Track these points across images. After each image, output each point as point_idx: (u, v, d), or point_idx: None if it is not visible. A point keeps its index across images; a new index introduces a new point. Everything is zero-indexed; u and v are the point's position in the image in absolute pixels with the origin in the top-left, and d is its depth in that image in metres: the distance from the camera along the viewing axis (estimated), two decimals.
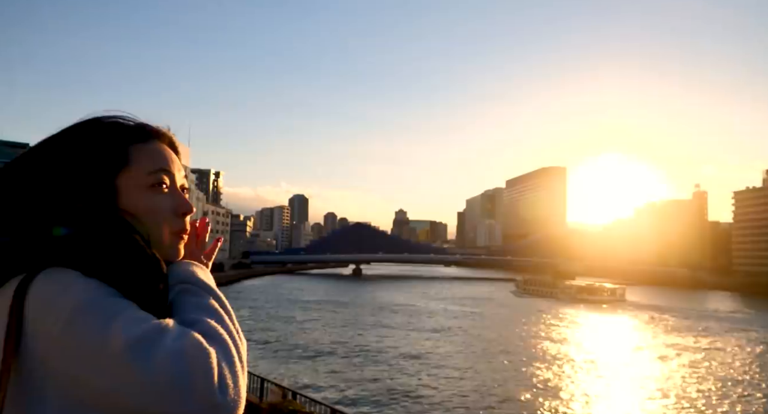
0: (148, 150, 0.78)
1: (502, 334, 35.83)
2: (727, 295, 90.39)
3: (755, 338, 38.64)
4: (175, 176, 0.81)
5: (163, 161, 0.79)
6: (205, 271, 0.82)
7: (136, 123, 0.80)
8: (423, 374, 24.06)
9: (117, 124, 0.78)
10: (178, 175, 0.81)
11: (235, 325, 0.73)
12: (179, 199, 0.80)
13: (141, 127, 0.80)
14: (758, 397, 22.30)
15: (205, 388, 0.59)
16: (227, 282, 77.82)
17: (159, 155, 0.79)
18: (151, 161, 0.78)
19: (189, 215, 0.82)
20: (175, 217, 0.79)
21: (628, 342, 34.61)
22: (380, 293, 69.84)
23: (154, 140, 0.80)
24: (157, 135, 0.81)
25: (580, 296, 61.89)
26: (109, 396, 0.59)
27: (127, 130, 0.78)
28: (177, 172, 0.81)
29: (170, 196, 0.79)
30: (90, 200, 0.72)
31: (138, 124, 0.80)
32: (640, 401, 20.86)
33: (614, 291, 64.61)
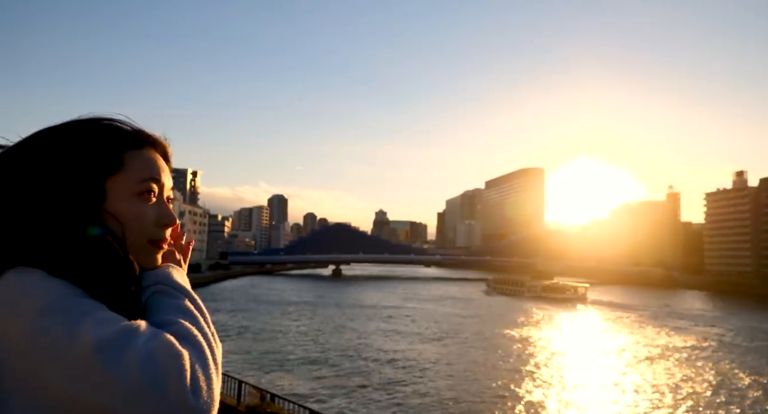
0: (141, 157, 0.78)
1: (472, 330, 38.29)
2: (697, 293, 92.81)
3: (699, 333, 41.05)
4: (164, 186, 0.81)
5: (154, 170, 0.79)
6: (180, 273, 0.81)
7: (133, 128, 0.80)
8: (399, 372, 24.49)
9: (114, 128, 0.78)
10: (167, 185, 0.81)
11: (210, 328, 0.72)
12: (164, 210, 0.80)
13: (137, 132, 0.79)
14: (687, 388, 23.55)
15: (177, 390, 0.58)
16: (204, 283, 76.76)
17: (151, 163, 0.79)
18: (142, 169, 0.77)
19: (171, 227, 0.82)
20: (157, 227, 0.79)
21: (578, 335, 37.68)
22: (360, 294, 69.85)
23: (149, 148, 0.80)
24: (152, 143, 0.81)
25: (544, 294, 65.54)
26: (77, 399, 0.57)
27: (123, 135, 0.77)
28: (166, 182, 0.81)
29: (156, 206, 0.79)
30: (76, 200, 0.71)
31: (135, 130, 0.80)
32: (568, 385, 23.31)
33: (576, 289, 67.61)
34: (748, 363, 29.79)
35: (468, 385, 22.35)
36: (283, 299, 59.90)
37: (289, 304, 53.88)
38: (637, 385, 23.46)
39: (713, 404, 21.19)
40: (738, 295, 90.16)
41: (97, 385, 0.56)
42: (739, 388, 24.10)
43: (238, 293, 66.43)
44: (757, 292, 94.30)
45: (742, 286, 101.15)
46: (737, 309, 65.69)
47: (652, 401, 21.15)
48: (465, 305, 56.79)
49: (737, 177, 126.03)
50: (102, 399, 0.56)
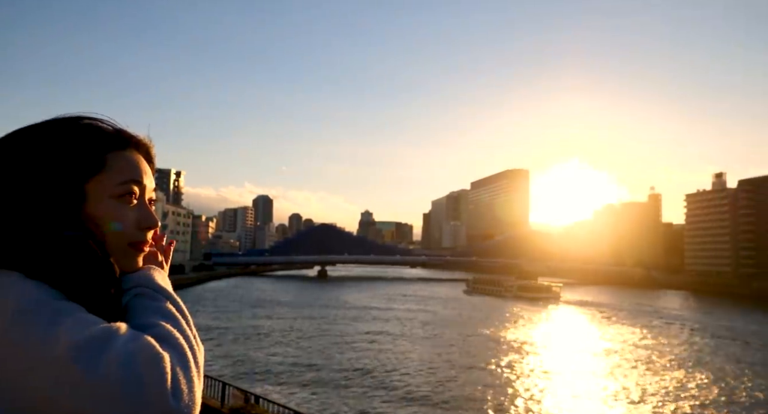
0: (123, 158, 0.76)
1: (451, 329, 40.27)
2: (675, 293, 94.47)
3: (663, 329, 43.22)
4: (146, 188, 0.79)
5: (136, 172, 0.77)
6: (162, 275, 0.80)
7: (115, 128, 0.78)
8: (382, 372, 24.75)
9: (95, 128, 0.76)
10: (148, 187, 0.80)
11: (192, 330, 0.71)
12: (145, 212, 0.79)
13: (119, 133, 0.78)
14: (637, 381, 25.04)
15: (157, 393, 0.57)
16: (188, 284, 75.96)
17: (133, 165, 0.77)
18: (124, 170, 0.75)
19: (152, 230, 0.80)
20: (138, 230, 0.77)
21: (546, 332, 40.21)
22: (345, 295, 69.81)
23: (131, 149, 0.78)
24: (135, 143, 0.79)
25: (520, 294, 68.28)
26: (55, 403, 0.56)
27: (105, 135, 0.75)
28: (148, 184, 0.80)
29: (137, 209, 0.77)
30: (54, 202, 0.69)
31: (116, 130, 0.78)
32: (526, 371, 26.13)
33: (550, 289, 71.11)
34: (704, 359, 31.34)
35: (447, 384, 23.13)
36: (268, 300, 59.55)
37: (273, 306, 53.60)
38: (589, 377, 25.31)
39: (661, 397, 22.38)
40: (716, 294, 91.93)
41: (75, 389, 0.55)
42: (689, 381, 25.54)
43: (221, 295, 65.88)
44: (735, 291, 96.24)
45: (721, 286, 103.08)
46: (710, 308, 67.32)
47: (599, 391, 22.76)
48: (446, 305, 58.35)
49: (716, 178, 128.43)
50: (80, 403, 0.55)
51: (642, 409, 20.74)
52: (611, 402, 21.32)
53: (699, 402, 21.89)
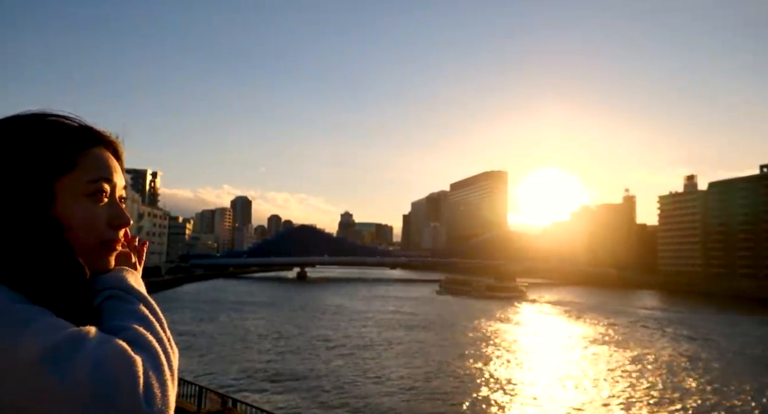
0: (92, 156, 0.74)
1: (423, 324, 43.94)
2: (647, 293, 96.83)
3: (619, 324, 46.40)
4: (116, 186, 0.77)
5: (106, 170, 0.75)
6: (135, 276, 0.79)
7: (83, 125, 0.76)
8: (359, 373, 25.07)
9: (65, 125, 0.73)
10: (119, 184, 0.78)
11: (166, 333, 0.69)
12: (116, 210, 0.77)
13: (87, 130, 0.76)
14: (578, 371, 27.36)
15: (129, 398, 0.56)
16: (164, 287, 74.80)
17: (103, 163, 0.75)
18: (94, 168, 0.74)
19: (124, 228, 0.79)
20: (109, 228, 0.76)
21: (507, 327, 44.15)
22: (324, 297, 69.97)
23: (100, 146, 0.76)
24: (103, 141, 0.77)
25: (488, 293, 72.25)
26: (22, 411, 0.54)
27: (72, 133, 0.73)
28: (118, 181, 0.78)
29: (108, 207, 0.76)
30: (22, 202, 0.67)
31: (84, 127, 0.75)
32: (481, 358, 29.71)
33: (516, 288, 76.18)
34: (647, 350, 34.03)
35: (425, 382, 23.97)
36: (245, 303, 59.08)
37: (251, 308, 53.22)
38: (537, 369, 27.64)
39: (597, 382, 24.98)
40: (686, 294, 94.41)
41: (44, 396, 0.54)
42: (629, 369, 27.95)
43: (198, 297, 65.11)
44: (705, 291, 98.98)
45: (692, 286, 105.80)
46: (675, 306, 69.98)
47: (542, 382, 24.88)
48: (420, 306, 60.63)
49: (688, 181, 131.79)
50: (49, 410, 0.54)
51: (572, 393, 22.79)
52: (548, 391, 23.15)
53: (630, 386, 24.36)
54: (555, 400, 21.61)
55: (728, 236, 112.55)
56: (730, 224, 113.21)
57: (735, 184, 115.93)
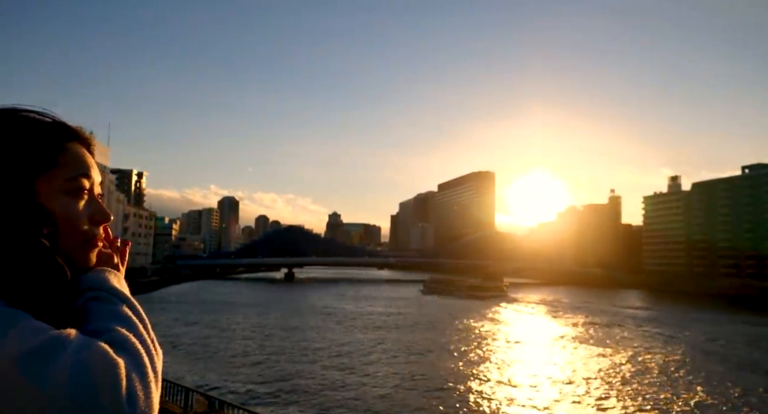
0: (71, 153, 0.73)
1: (407, 325, 45.60)
2: (632, 292, 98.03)
3: (594, 323, 48.44)
4: (94, 182, 0.76)
5: (84, 166, 0.74)
6: (118, 277, 0.77)
7: (57, 121, 0.74)
8: (346, 374, 25.23)
9: (42, 123, 0.72)
10: (96, 180, 0.77)
11: (149, 334, 0.68)
12: (97, 207, 0.76)
13: (64, 126, 0.74)
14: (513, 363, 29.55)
15: (111, 402, 0.55)
16: (150, 288, 74.06)
17: (81, 159, 0.74)
18: (73, 165, 0.72)
19: (105, 224, 0.78)
20: (91, 225, 0.75)
21: (484, 324, 46.42)
22: (312, 298, 69.89)
23: (74, 142, 0.75)
24: (78, 137, 0.76)
25: (470, 293, 74.20)
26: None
27: (52, 130, 0.72)
28: (96, 177, 0.77)
29: (88, 204, 0.75)
30: (3, 201, 0.66)
31: (61, 123, 0.74)
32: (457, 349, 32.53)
33: (497, 287, 78.98)
34: (617, 344, 36.42)
35: (410, 383, 24.30)
36: (232, 304, 58.79)
37: (238, 309, 52.95)
38: (511, 362, 29.74)
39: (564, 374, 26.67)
40: (670, 293, 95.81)
41: (24, 402, 0.53)
42: (599, 362, 30.05)
43: (185, 298, 64.58)
44: (688, 290, 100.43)
45: (676, 285, 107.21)
46: (655, 305, 71.47)
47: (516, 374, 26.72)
48: (407, 305, 62.31)
49: (672, 181, 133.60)
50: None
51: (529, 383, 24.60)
52: (515, 389, 24.28)
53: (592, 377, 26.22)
54: (519, 397, 22.23)
55: (711, 236, 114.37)
56: (713, 224, 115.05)
57: (717, 184, 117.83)
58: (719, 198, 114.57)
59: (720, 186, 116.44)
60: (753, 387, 24.95)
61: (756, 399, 22.87)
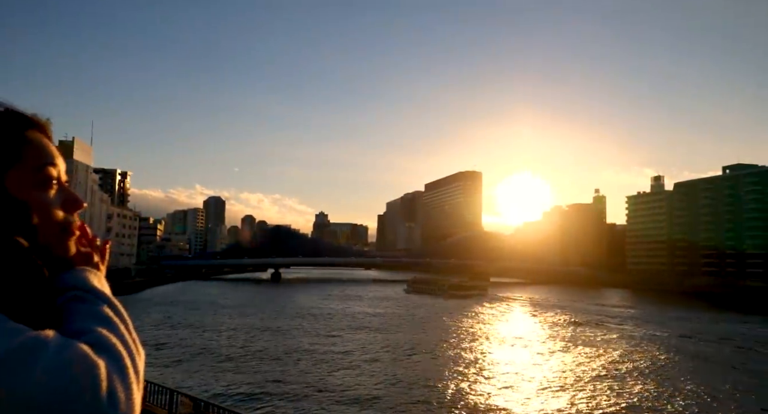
0: (34, 143, 0.70)
1: (390, 324, 46.92)
2: (616, 291, 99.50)
3: (565, 325, 49.64)
4: (60, 169, 0.74)
5: (49, 155, 0.72)
6: (98, 277, 0.75)
7: (13, 110, 0.71)
8: (333, 374, 25.30)
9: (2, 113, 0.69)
10: (61, 167, 0.75)
11: (131, 335, 0.67)
12: (68, 193, 0.74)
13: (21, 116, 0.71)
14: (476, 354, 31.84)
15: (91, 403, 0.54)
16: (134, 289, 73.19)
17: (44, 148, 0.72)
18: (38, 155, 0.70)
19: (79, 210, 0.76)
20: (66, 212, 0.74)
21: (460, 322, 48.18)
22: (298, 298, 69.78)
23: (35, 130, 0.72)
24: (36, 124, 0.73)
25: (451, 292, 76.53)
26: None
27: (11, 121, 0.69)
28: (60, 164, 0.74)
29: (59, 192, 0.73)
30: None
31: (18, 113, 0.71)
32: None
33: (477, 287, 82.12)
34: (579, 338, 38.85)
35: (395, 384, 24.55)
36: (218, 305, 58.39)
37: (223, 311, 52.59)
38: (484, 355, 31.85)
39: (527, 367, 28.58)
40: (653, 292, 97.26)
41: (2, 405, 0.51)
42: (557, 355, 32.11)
43: (170, 300, 63.94)
44: (670, 289, 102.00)
45: (658, 284, 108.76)
46: (636, 304, 73.04)
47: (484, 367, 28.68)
48: (390, 304, 64.20)
49: (655, 181, 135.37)
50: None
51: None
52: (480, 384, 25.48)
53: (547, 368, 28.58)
54: (486, 393, 22.97)
55: (692, 235, 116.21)
56: (694, 223, 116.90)
57: (698, 185, 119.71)
58: (701, 198, 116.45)
59: (701, 186, 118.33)
60: (721, 382, 25.93)
61: (722, 394, 23.80)
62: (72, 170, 77.51)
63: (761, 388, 25.06)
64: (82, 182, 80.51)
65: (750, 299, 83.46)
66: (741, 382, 26.12)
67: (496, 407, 20.88)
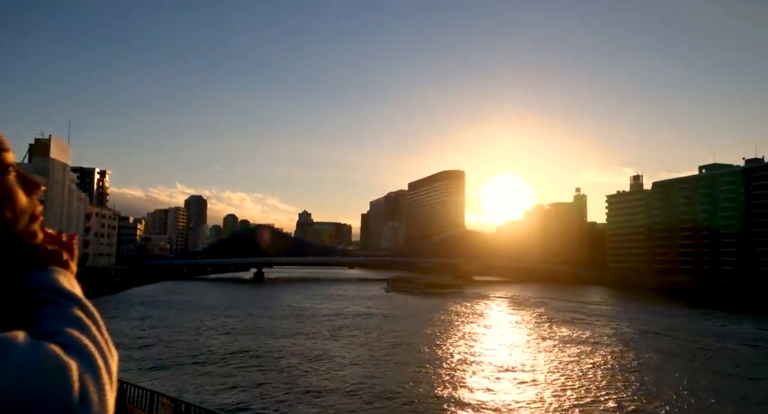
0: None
1: (368, 316, 50.96)
2: (596, 288, 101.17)
3: (544, 315, 52.50)
4: (10, 154, 0.72)
5: (1, 141, 0.71)
6: (68, 278, 0.74)
7: None
8: (312, 374, 25.46)
9: None
10: (11, 152, 0.73)
11: (103, 336, 0.66)
12: (25, 177, 0.73)
13: None
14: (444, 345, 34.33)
15: (62, 405, 0.54)
16: (114, 289, 72.08)
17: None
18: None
19: (38, 192, 0.75)
20: (27, 197, 0.72)
21: (437, 317, 51.36)
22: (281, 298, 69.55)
23: None
24: None
25: (428, 290, 79.70)
26: None
27: None
28: (9, 149, 0.73)
29: (17, 178, 0.72)
30: None
31: None
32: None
33: (453, 285, 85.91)
34: (542, 331, 41.42)
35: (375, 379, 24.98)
36: (199, 305, 57.86)
37: (204, 311, 52.10)
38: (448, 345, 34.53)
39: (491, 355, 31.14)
40: (631, 289, 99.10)
41: None
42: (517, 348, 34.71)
43: (150, 300, 63.19)
44: (649, 286, 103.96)
45: (637, 282, 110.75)
46: (614, 301, 74.92)
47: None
48: (370, 303, 65.57)
49: (634, 181, 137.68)
50: None
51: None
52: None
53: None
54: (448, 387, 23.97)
55: (670, 233, 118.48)
56: (672, 222, 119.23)
57: (676, 184, 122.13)
58: (678, 197, 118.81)
59: (678, 185, 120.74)
60: (678, 372, 27.83)
61: (673, 379, 25.85)
62: (49, 169, 75.89)
63: (702, 376, 27.10)
64: (60, 181, 78.93)
65: (724, 295, 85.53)
66: (686, 371, 28.03)
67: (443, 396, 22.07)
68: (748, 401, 22.95)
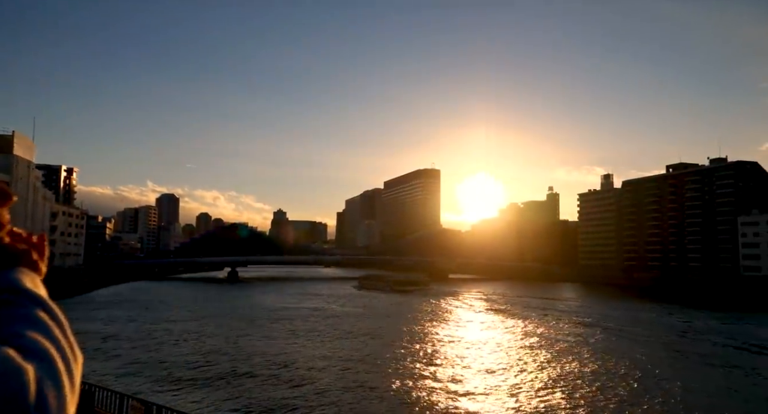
0: None
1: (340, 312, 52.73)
2: (567, 285, 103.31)
3: (503, 309, 55.14)
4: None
5: None
6: (31, 278, 0.72)
7: None
8: (284, 374, 25.28)
9: None
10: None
11: (67, 339, 0.64)
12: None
13: None
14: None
15: (16, 410, 0.52)
16: (82, 290, 70.15)
17: None
18: None
19: (8, 203, 0.74)
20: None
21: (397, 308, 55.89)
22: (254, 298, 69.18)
23: None
24: None
25: (396, 288, 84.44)
26: None
27: None
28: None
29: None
30: None
31: None
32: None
33: (419, 282, 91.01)
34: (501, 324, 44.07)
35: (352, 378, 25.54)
36: (169, 305, 56.93)
37: (174, 311, 51.35)
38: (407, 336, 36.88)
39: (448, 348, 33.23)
40: (602, 285, 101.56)
41: None
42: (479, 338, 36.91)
43: (119, 300, 61.85)
44: (618, 282, 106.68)
45: (607, 278, 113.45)
46: (581, 297, 76.94)
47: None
48: (340, 301, 67.07)
49: (604, 180, 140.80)
50: None
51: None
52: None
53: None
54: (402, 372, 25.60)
55: (639, 231, 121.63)
56: (641, 220, 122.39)
57: (644, 183, 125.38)
58: (646, 195, 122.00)
59: (646, 184, 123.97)
60: (636, 356, 30.12)
61: (628, 361, 28.22)
62: (11, 166, 73.34)
63: (662, 368, 28.45)
64: (23, 178, 76.36)
65: (690, 291, 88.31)
66: (646, 364, 29.26)
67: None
68: (697, 392, 24.00)
